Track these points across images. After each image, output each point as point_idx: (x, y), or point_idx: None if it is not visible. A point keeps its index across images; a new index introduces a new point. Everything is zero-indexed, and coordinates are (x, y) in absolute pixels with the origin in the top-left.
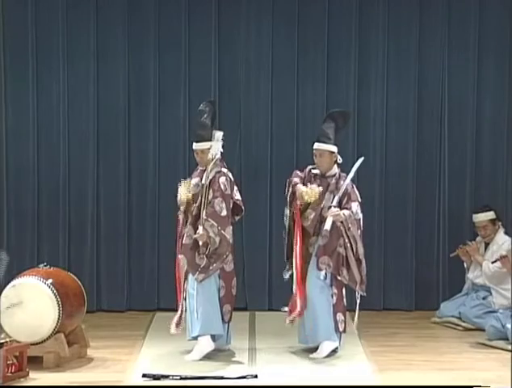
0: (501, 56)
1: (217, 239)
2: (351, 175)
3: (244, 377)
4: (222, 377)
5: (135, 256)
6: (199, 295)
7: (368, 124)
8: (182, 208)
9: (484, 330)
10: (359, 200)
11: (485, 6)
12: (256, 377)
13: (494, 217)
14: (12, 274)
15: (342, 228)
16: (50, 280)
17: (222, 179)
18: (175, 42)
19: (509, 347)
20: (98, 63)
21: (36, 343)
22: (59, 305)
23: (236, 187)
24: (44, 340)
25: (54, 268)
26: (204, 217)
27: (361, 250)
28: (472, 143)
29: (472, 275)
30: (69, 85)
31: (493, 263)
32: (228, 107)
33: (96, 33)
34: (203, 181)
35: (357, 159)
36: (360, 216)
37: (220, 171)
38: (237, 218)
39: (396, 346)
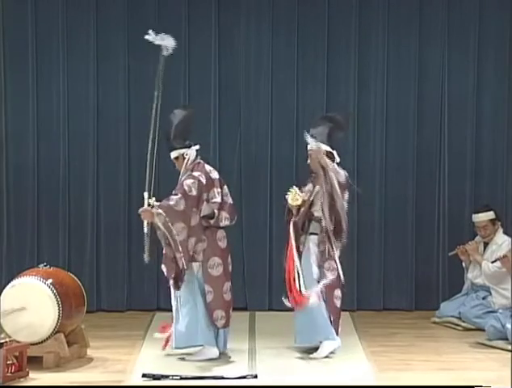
0: (501, 56)
1: (164, 231)
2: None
3: (244, 377)
4: (222, 377)
5: (135, 256)
6: (181, 307)
7: (368, 124)
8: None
9: (484, 330)
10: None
11: (485, 7)
12: (256, 377)
13: (494, 216)
14: (12, 274)
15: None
16: (50, 280)
17: (188, 181)
18: (175, 42)
19: (509, 347)
20: (98, 63)
21: (36, 343)
22: (59, 305)
23: (218, 190)
24: (44, 340)
25: (54, 268)
26: (156, 204)
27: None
28: (472, 143)
29: (471, 275)
30: (69, 85)
31: (492, 262)
32: (228, 107)
33: (96, 33)
34: None
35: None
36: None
37: (190, 175)
38: (211, 222)
39: (396, 346)
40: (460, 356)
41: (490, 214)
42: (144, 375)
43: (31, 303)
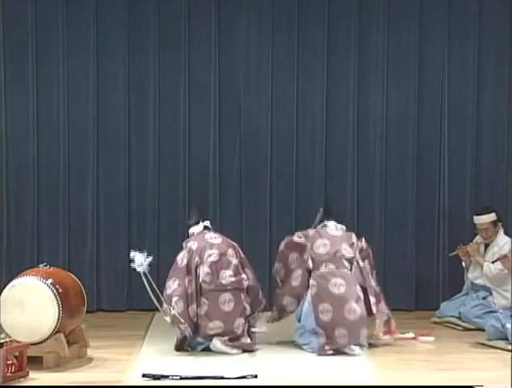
0: (501, 56)
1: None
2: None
3: (244, 377)
4: (222, 377)
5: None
6: None
7: (368, 124)
8: None
9: (484, 330)
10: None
11: (485, 6)
12: (256, 377)
13: (495, 218)
14: (12, 274)
15: None
16: (50, 280)
17: (179, 255)
18: (175, 42)
19: (509, 347)
20: (98, 63)
21: (36, 343)
22: (59, 305)
23: (213, 252)
24: (44, 340)
25: (54, 268)
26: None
27: None
28: (471, 143)
29: (471, 275)
30: (69, 85)
31: (493, 262)
32: (228, 107)
33: (96, 33)
34: None
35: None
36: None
37: (183, 247)
38: (207, 281)
39: (396, 346)
40: (460, 356)
41: (492, 216)
42: (144, 375)
43: (32, 303)
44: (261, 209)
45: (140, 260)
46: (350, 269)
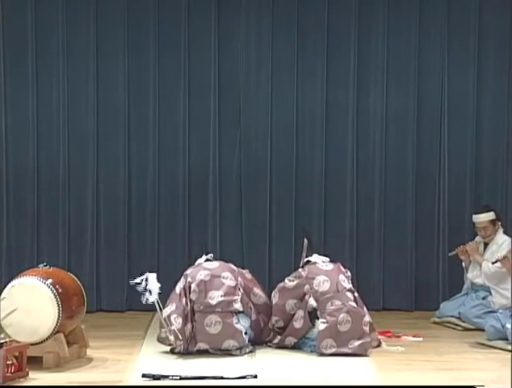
0: (501, 56)
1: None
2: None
3: (244, 377)
4: (222, 377)
5: (135, 256)
6: None
7: (368, 124)
8: None
9: (483, 330)
10: None
11: (485, 6)
12: (256, 377)
13: (494, 217)
14: (12, 274)
15: None
16: (50, 280)
17: (178, 284)
18: (175, 42)
19: (509, 347)
20: (98, 63)
21: (36, 343)
22: (59, 305)
23: (206, 272)
24: (44, 340)
25: (54, 268)
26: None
27: None
28: (472, 143)
29: (471, 274)
30: (69, 85)
31: (493, 263)
32: (228, 107)
33: (96, 33)
34: None
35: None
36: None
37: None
38: (193, 299)
39: (396, 346)
40: (460, 356)
41: (490, 215)
42: (144, 375)
43: (31, 303)
44: (261, 209)
45: (153, 287)
46: (354, 300)
